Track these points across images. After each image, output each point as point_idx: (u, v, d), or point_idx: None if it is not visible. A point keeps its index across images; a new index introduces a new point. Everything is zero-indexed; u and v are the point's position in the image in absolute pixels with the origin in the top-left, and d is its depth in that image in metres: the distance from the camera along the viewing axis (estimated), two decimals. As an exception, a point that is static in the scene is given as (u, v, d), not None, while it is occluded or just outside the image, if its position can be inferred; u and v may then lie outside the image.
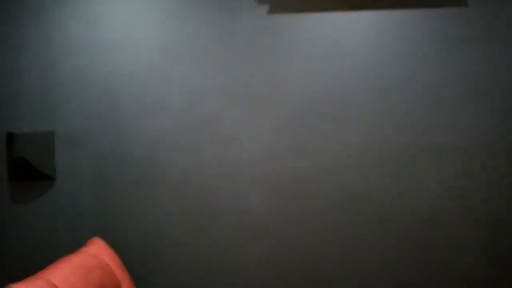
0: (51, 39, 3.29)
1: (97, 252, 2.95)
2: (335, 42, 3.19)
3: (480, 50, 3.16)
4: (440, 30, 3.17)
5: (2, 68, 3.29)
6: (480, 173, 3.17)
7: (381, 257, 3.20)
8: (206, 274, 3.26)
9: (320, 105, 3.19)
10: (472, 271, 3.18)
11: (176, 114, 3.25)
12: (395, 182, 3.19)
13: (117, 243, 3.25)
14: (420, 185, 3.19)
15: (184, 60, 3.24)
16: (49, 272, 2.51)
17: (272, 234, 3.23)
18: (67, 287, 2.44)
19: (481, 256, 3.18)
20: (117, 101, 3.27)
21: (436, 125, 3.18)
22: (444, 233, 3.19)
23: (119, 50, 3.26)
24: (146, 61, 3.25)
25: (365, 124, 3.18)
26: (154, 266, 3.29)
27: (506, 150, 3.15)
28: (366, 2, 3.20)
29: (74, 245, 3.22)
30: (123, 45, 3.26)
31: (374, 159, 3.19)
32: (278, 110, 3.20)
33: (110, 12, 3.28)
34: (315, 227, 3.22)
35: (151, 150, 3.26)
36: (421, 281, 3.19)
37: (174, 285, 3.27)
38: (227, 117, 3.23)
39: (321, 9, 3.22)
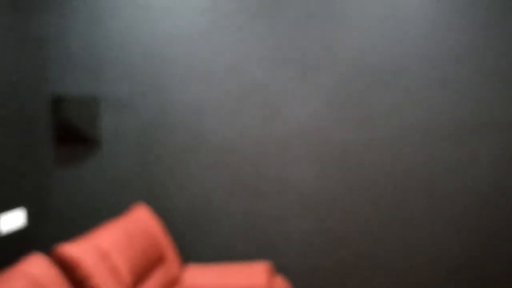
0: (99, 5, 3.27)
1: (142, 217, 2.97)
2: (390, 8, 3.08)
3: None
4: (499, -2, 3.03)
5: (50, 34, 3.30)
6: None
7: (433, 232, 3.13)
8: (248, 242, 3.25)
9: (373, 73, 3.10)
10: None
11: (221, 80, 3.21)
12: (450, 157, 3.10)
13: (160, 209, 3.27)
14: (476, 161, 3.09)
15: (231, 25, 3.18)
16: (96, 234, 2.54)
17: (317, 205, 3.19)
18: (114, 249, 2.46)
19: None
20: (163, 67, 3.24)
21: (495, 98, 3.06)
22: (500, 210, 3.10)
23: (166, 16, 3.22)
24: (193, 26, 3.21)
25: (420, 95, 3.09)
26: (197, 233, 3.30)
27: None
28: (421, -32, 3.07)
29: (117, 209, 3.25)
30: (169, 10, 3.22)
31: (429, 132, 3.10)
32: (328, 77, 3.13)
33: (157, -24, 3.24)
34: (362, 201, 3.16)
35: (196, 117, 3.24)
36: (475, 258, 3.13)
37: (215, 252, 3.28)
38: (274, 84, 3.17)
39: (374, -25, 3.11)
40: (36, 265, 2.00)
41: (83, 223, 3.34)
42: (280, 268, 3.21)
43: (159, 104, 3.26)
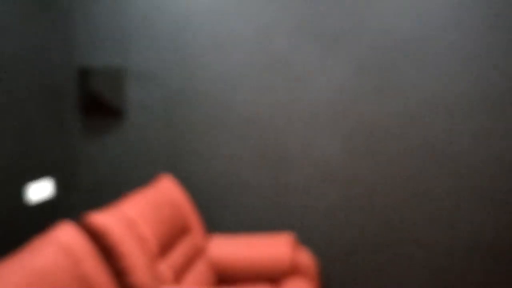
0: (123, -27, 3.26)
1: (167, 188, 3.01)
2: (416, -21, 3.01)
3: None
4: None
5: (77, 7, 3.31)
6: None
7: (454, 211, 3.11)
8: (273, 215, 3.28)
9: (400, 46, 3.05)
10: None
11: (247, 52, 3.19)
12: (478, 130, 3.05)
13: (185, 180, 3.30)
14: (501, 140, 3.04)
15: (255, -3, 3.15)
16: (124, 204, 2.58)
17: (342, 178, 3.18)
18: (141, 219, 2.51)
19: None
20: (188, 39, 3.23)
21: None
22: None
23: (190, -15, 3.21)
24: (217, -3, 3.19)
25: (448, 67, 3.03)
26: (221, 204, 3.33)
27: None
28: None
29: (143, 180, 3.29)
30: (194, -20, 3.20)
31: (457, 105, 3.05)
32: (354, 50, 3.08)
33: None
34: (386, 175, 3.15)
35: (221, 89, 3.24)
36: (502, 230, 3.10)
37: (240, 224, 3.31)
38: (301, 55, 3.14)
39: None
40: (66, 233, 2.05)
41: (109, 193, 3.39)
42: (303, 240, 3.23)
43: (184, 76, 3.27)
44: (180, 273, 2.61)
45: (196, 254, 2.88)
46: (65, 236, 2.02)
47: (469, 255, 3.14)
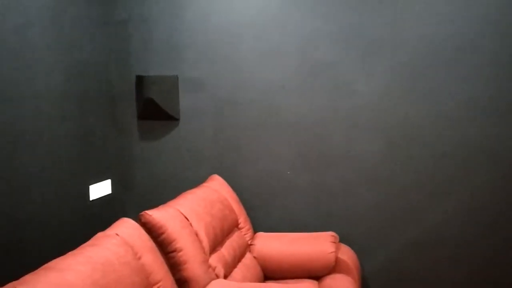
0: (175, -13, 3.48)
1: (218, 188, 3.19)
2: (457, -15, 3.07)
3: None
4: None
5: (132, 17, 3.55)
6: None
7: (494, 211, 3.14)
8: (315, 214, 3.40)
9: (439, 51, 3.11)
10: None
11: (290, 59, 3.33)
12: (510, 135, 3.08)
13: (233, 180, 3.46)
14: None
15: (300, 6, 3.28)
16: (177, 202, 2.78)
17: (382, 179, 3.27)
18: (193, 216, 2.69)
19: None
20: (236, 48, 3.41)
21: None
22: None
23: (239, 1, 3.38)
24: (263, 10, 3.33)
25: (487, 70, 3.06)
26: (265, 204, 3.48)
27: None
28: None
29: (195, 180, 3.48)
30: (241, -8, 3.38)
31: (494, 108, 3.08)
32: (395, 56, 3.17)
33: (230, -41, 3.39)
34: (427, 175, 3.21)
35: (266, 95, 3.39)
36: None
37: (282, 223, 3.45)
38: (342, 63, 3.26)
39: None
40: (127, 228, 2.26)
41: (162, 192, 3.61)
42: (344, 238, 3.33)
43: (233, 83, 3.44)
44: (228, 268, 2.78)
45: (243, 251, 3.05)
46: (126, 231, 2.23)
47: (512, 256, 3.16)
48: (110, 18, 3.54)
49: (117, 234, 2.17)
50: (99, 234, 2.20)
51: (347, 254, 3.12)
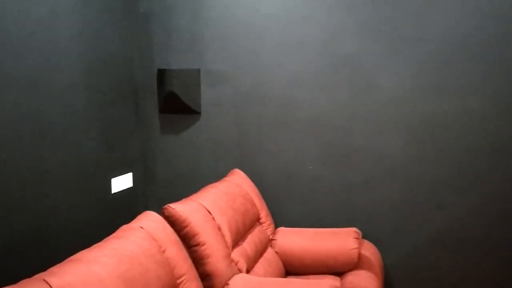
0: (198, -20, 3.46)
1: (239, 182, 3.18)
2: (485, -22, 3.01)
3: None
4: None
5: (155, 9, 3.54)
6: None
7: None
8: (337, 209, 3.37)
9: (465, 45, 3.05)
10: None
11: (314, 53, 3.30)
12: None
13: (254, 175, 3.45)
14: None
15: (324, 0, 3.26)
16: (200, 196, 2.77)
17: (405, 175, 3.23)
18: (216, 210, 2.68)
19: None
20: (259, 41, 3.38)
21: None
22: None
23: (261, -11, 3.35)
24: (287, 3, 3.30)
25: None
26: (286, 199, 3.46)
27: None
28: None
29: (216, 174, 3.47)
30: (265, -16, 3.35)
31: (521, 103, 3.03)
32: (420, 50, 3.12)
33: (253, -49, 3.36)
34: (449, 172, 3.16)
35: (289, 89, 3.37)
36: None
37: (304, 218, 3.43)
38: (366, 57, 3.21)
39: None
40: (151, 221, 2.25)
41: (183, 186, 3.61)
42: (367, 234, 3.30)
43: (255, 76, 3.42)
44: (251, 263, 2.77)
45: (265, 245, 3.03)
46: (150, 224, 2.23)
47: (538, 255, 3.11)
48: (133, 10, 3.53)
49: (141, 227, 2.17)
50: (124, 227, 2.20)
51: (369, 250, 3.09)
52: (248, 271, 2.69)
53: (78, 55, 2.94)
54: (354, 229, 3.13)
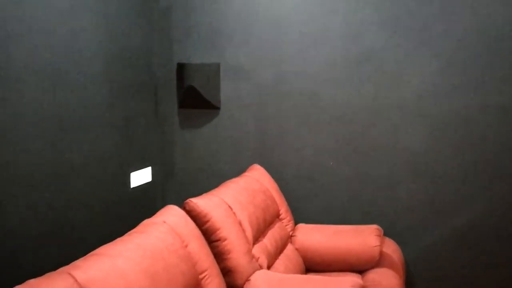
0: (219, -27, 3.43)
1: (259, 177, 3.16)
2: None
3: None
4: None
5: (175, 3, 3.52)
6: None
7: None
8: (358, 206, 3.34)
9: (492, 40, 3.00)
10: None
11: (337, 47, 3.26)
12: None
13: (275, 170, 3.42)
14: None
15: (346, -7, 3.21)
16: (220, 191, 2.75)
17: (429, 173, 3.19)
18: (237, 205, 2.66)
19: None
20: (280, 34, 3.35)
21: None
22: None
23: (282, -17, 3.31)
24: (308, -6, 3.28)
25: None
26: (306, 195, 3.43)
27: None
28: None
29: (235, 169, 3.45)
30: (286, -22, 3.31)
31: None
32: (445, 45, 3.07)
33: None
34: (476, 171, 3.11)
35: (311, 83, 3.33)
36: None
37: (325, 213, 3.40)
38: (389, 52, 3.17)
39: None
40: (173, 216, 2.24)
41: (203, 181, 3.60)
42: (388, 232, 3.26)
43: (275, 71, 3.39)
44: (271, 259, 2.75)
45: (285, 242, 3.01)
46: (173, 218, 2.21)
47: None
48: (153, 5, 3.52)
49: (164, 222, 2.16)
50: (146, 221, 2.18)
51: (391, 248, 3.05)
52: (269, 267, 2.67)
53: (98, 50, 2.93)
54: (376, 226, 3.09)
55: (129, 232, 2.08)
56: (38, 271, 1.73)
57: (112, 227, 3.00)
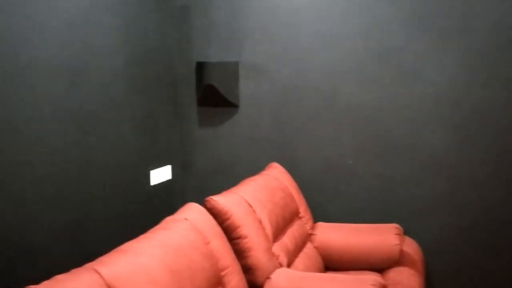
0: (238, -28, 3.44)
1: (278, 175, 3.16)
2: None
3: None
4: None
5: (194, 2, 3.54)
6: None
7: None
8: (377, 205, 3.32)
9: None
10: None
11: (356, 45, 3.25)
12: None
13: (294, 169, 3.41)
14: None
15: (366, -9, 3.20)
16: (240, 188, 2.76)
17: (449, 172, 3.16)
18: (257, 203, 2.67)
19: None
20: (298, 32, 3.35)
21: None
22: None
23: (302, -19, 3.31)
24: (328, -8, 3.27)
25: None
26: (324, 194, 3.42)
27: None
28: None
29: (254, 167, 3.45)
30: (305, -24, 3.31)
31: None
32: (465, 43, 3.04)
33: None
34: (497, 170, 3.07)
35: (330, 81, 3.33)
36: None
37: (345, 212, 3.39)
38: (408, 49, 3.15)
39: None
40: (195, 213, 2.25)
41: (221, 178, 3.61)
42: (408, 230, 3.24)
43: (294, 69, 3.39)
44: (291, 257, 2.75)
45: (304, 240, 3.01)
46: (194, 216, 2.23)
47: None
48: (172, 3, 3.54)
49: (186, 219, 2.17)
50: (168, 218, 2.20)
51: (411, 247, 3.03)
52: (289, 265, 2.67)
53: (117, 48, 2.96)
54: (395, 225, 3.07)
55: (151, 229, 2.10)
56: (61, 267, 1.76)
57: (132, 224, 3.02)
